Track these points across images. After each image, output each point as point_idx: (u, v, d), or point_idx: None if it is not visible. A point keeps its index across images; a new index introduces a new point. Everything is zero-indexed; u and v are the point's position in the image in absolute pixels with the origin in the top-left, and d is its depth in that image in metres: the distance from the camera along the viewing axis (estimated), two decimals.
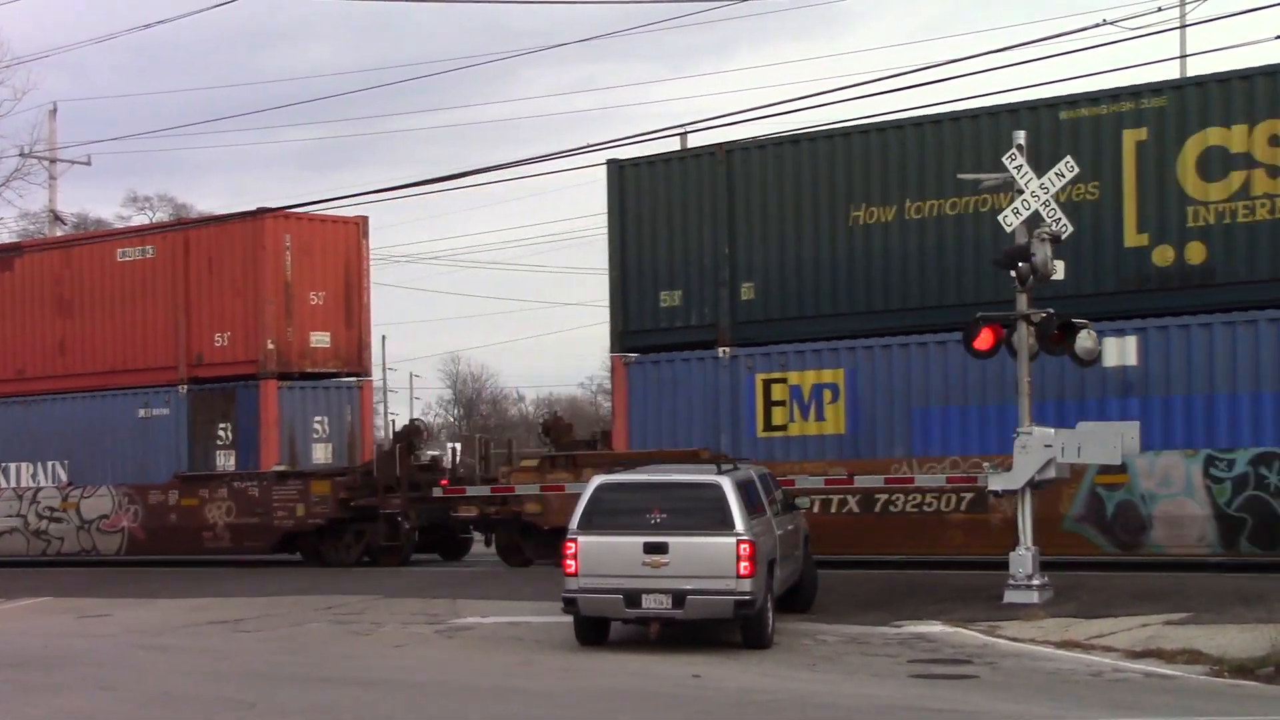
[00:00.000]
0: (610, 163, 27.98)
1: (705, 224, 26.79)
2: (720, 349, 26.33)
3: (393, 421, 65.62)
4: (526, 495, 27.31)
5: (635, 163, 27.65)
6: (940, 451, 24.49)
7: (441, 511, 29.33)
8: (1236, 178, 22.48)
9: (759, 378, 26.09)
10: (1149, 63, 31.84)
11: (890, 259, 25.18)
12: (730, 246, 26.42)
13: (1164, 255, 23.01)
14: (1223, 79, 22.73)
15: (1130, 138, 23.18)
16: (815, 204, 25.79)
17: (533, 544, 27.76)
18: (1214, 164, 22.63)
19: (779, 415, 25.91)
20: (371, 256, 32.87)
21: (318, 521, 30.01)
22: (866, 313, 25.38)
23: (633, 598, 17.48)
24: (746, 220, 26.38)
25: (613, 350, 28.17)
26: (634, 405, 27.26)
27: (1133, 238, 23.19)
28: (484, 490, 28.24)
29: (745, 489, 18.24)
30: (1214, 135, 22.65)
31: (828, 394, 25.51)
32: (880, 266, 25.27)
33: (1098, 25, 22.55)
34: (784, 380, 25.78)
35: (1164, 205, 23.04)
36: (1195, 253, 22.81)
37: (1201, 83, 23.00)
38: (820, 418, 25.54)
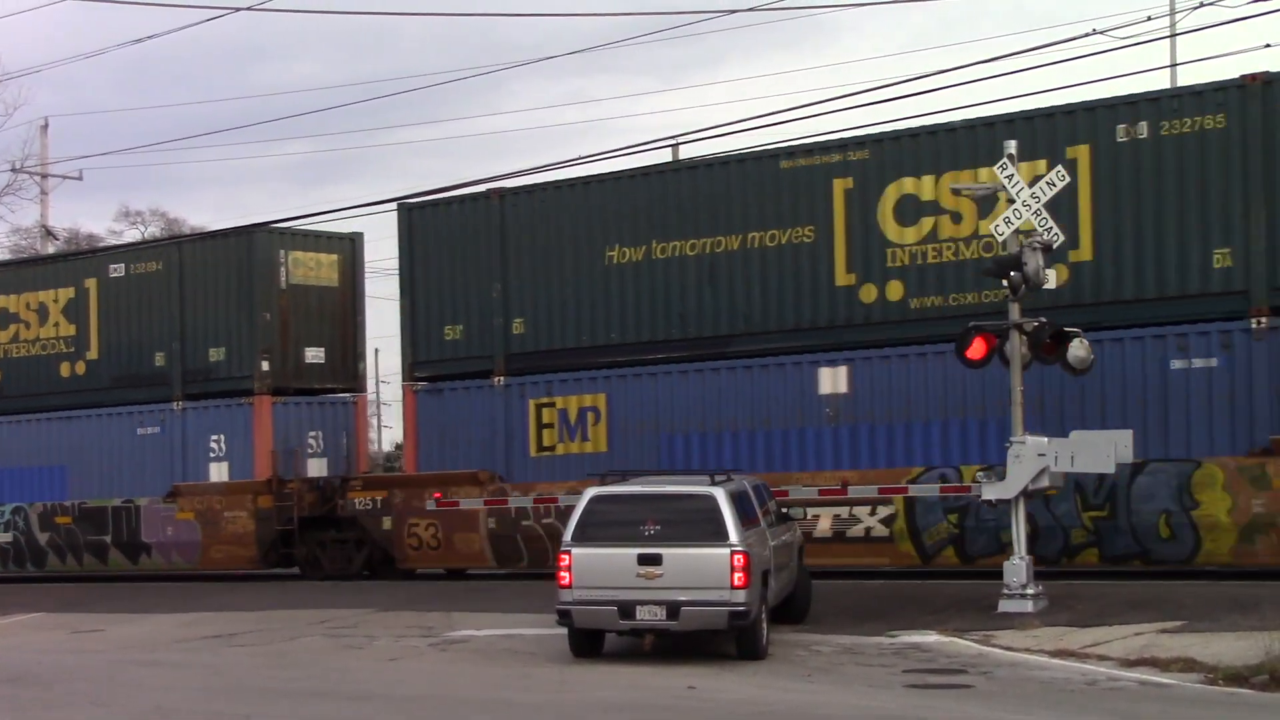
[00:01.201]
0: None
1: None
2: None
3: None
4: None
5: None
6: None
7: None
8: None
9: None
10: (1140, 71, 31.95)
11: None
12: None
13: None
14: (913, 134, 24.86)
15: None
16: None
17: None
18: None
19: None
20: (368, 269, 34.59)
21: None
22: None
23: (627, 609, 17.46)
24: None
25: None
26: None
27: None
28: None
29: (739, 500, 18.22)
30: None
31: None
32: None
33: (1087, 35, 22.49)
34: None
35: None
36: None
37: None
38: None
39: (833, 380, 25.09)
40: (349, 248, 32.48)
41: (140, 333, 32.31)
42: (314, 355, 31.51)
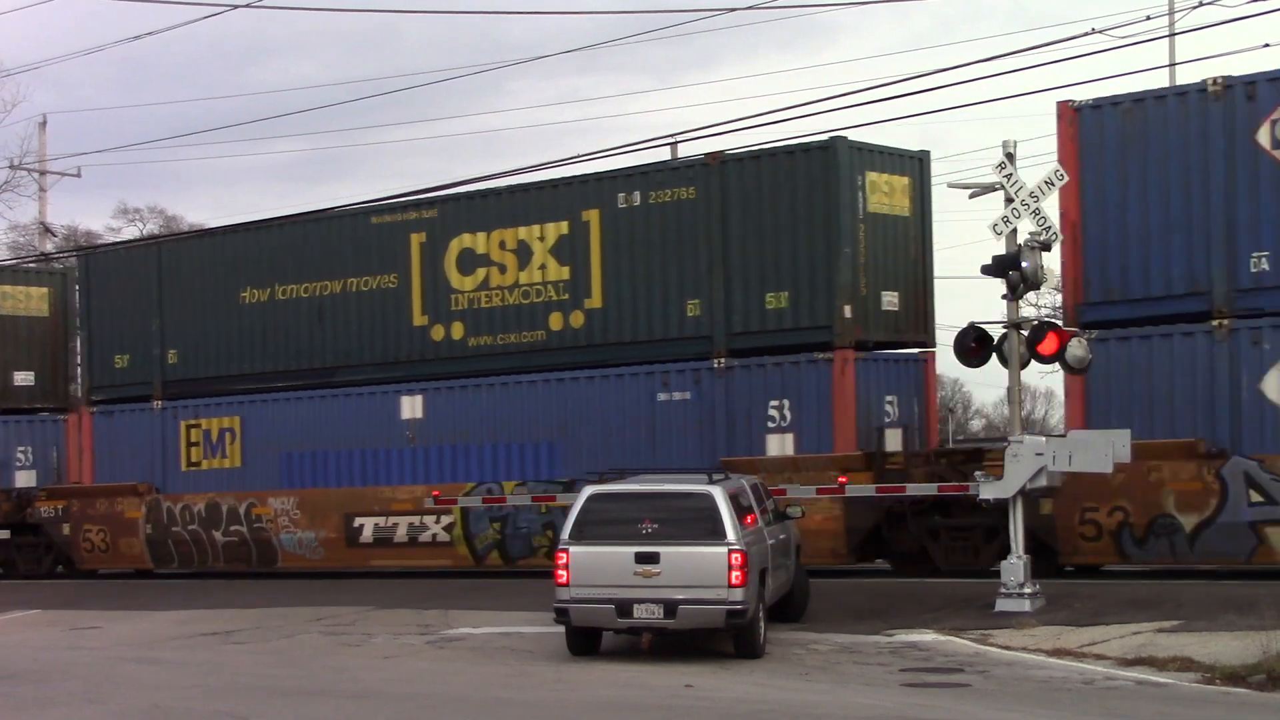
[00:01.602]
0: None
1: None
2: None
3: None
4: None
5: None
6: None
7: None
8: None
9: None
10: (1139, 71, 31.89)
11: None
12: None
13: None
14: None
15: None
16: None
17: None
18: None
19: None
20: None
21: None
22: None
23: (624, 608, 17.44)
24: None
25: None
26: None
27: None
28: None
29: (736, 498, 18.22)
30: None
31: None
32: None
33: (1086, 34, 22.54)
34: None
35: None
36: None
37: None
38: None
39: (411, 407, 29.14)
40: (60, 282, 36.14)
41: None
42: (23, 379, 35.31)
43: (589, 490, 18.46)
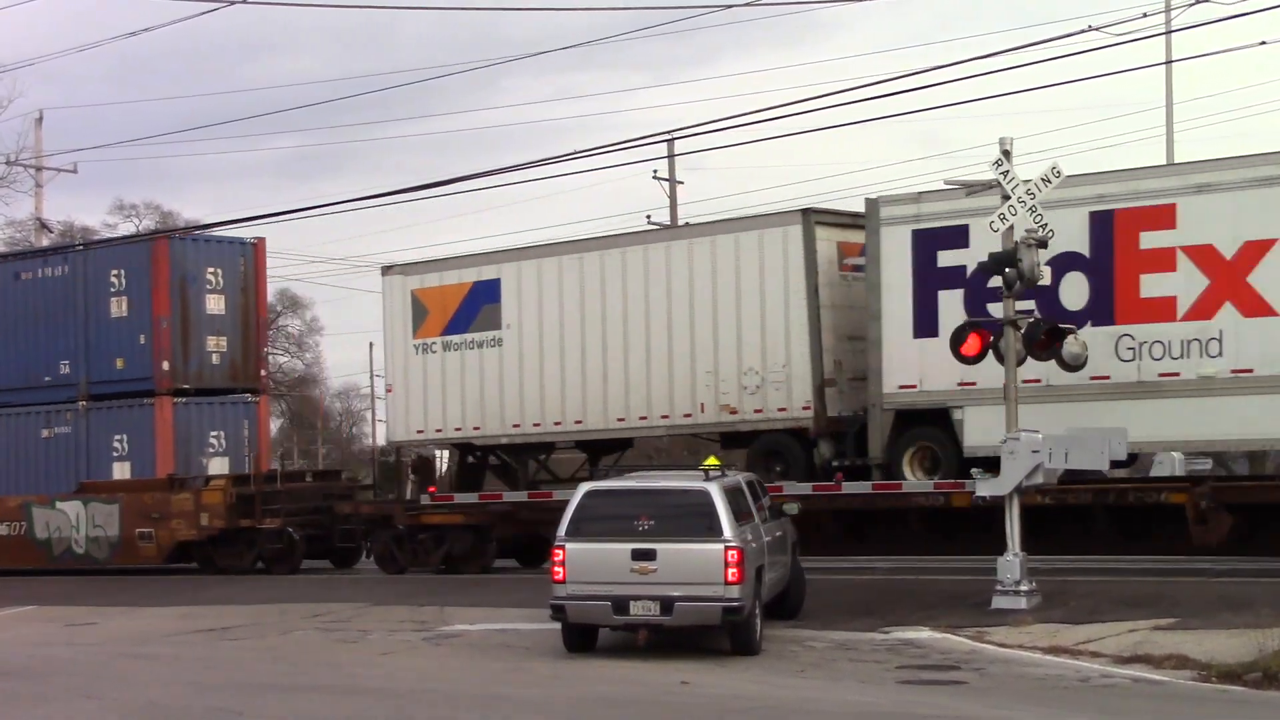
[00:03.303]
0: None
1: None
2: None
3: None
4: None
5: None
6: None
7: None
8: None
9: None
10: (1135, 68, 31.97)
11: None
12: None
13: None
14: None
15: None
16: None
17: None
18: None
19: None
20: (357, 263, 35.75)
21: None
22: None
23: (621, 604, 17.43)
24: None
25: None
26: None
27: None
28: None
29: (733, 495, 18.20)
30: None
31: None
32: None
33: (1083, 31, 22.57)
34: None
35: None
36: None
37: None
38: None
39: None
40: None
41: None
42: None
43: (585, 486, 18.43)
